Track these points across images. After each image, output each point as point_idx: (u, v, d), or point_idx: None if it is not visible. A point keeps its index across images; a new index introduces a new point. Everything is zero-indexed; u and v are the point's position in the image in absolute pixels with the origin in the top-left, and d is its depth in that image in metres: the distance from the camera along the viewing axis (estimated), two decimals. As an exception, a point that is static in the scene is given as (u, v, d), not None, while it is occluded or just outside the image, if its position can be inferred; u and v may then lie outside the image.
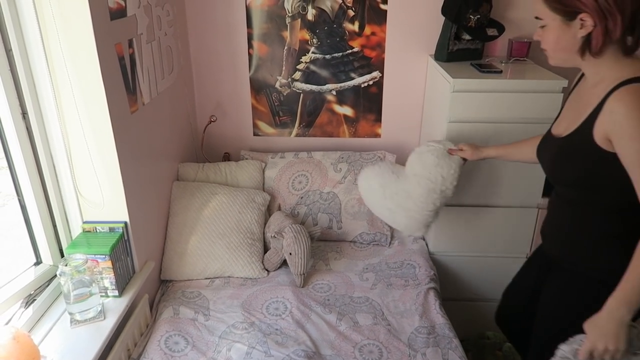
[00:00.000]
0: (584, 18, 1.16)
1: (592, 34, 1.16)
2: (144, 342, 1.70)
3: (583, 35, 1.18)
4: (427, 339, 1.71)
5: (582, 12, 1.15)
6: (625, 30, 1.14)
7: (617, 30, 1.13)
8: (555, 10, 1.20)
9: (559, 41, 1.23)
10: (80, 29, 1.42)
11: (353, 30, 2.36)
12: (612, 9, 1.11)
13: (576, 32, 1.19)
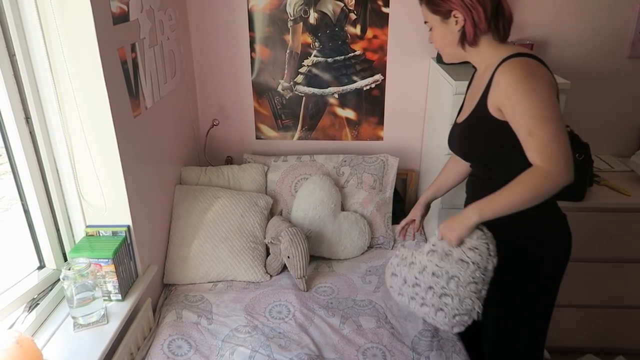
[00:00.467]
0: (456, 15, 1.38)
1: (465, 27, 1.38)
2: (147, 346, 1.70)
3: (459, 30, 1.40)
4: (430, 343, 1.70)
5: (453, 10, 1.37)
6: (491, 21, 1.37)
7: (482, 21, 1.36)
8: (434, 12, 1.42)
9: (443, 37, 1.44)
10: (83, 33, 1.43)
11: (355, 33, 2.36)
12: (474, 4, 1.35)
13: (453, 28, 1.40)
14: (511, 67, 1.31)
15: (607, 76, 2.44)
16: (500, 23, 1.39)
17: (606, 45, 2.39)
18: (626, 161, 2.49)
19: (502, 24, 1.39)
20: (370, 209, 2.36)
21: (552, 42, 2.39)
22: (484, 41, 1.40)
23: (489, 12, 1.36)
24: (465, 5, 1.35)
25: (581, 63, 2.41)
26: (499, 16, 1.38)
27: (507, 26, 1.40)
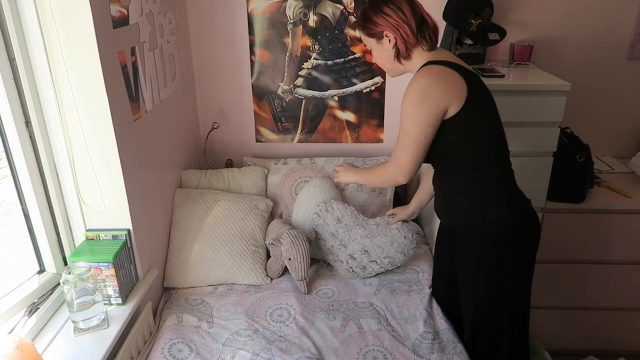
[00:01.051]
0: (387, 34, 1.53)
1: (397, 44, 1.54)
2: (147, 350, 1.70)
3: (392, 47, 1.55)
4: (432, 345, 1.70)
5: (384, 31, 1.53)
6: (417, 34, 1.51)
7: (410, 36, 1.51)
8: (370, 36, 1.58)
9: (381, 56, 1.61)
10: (83, 37, 1.42)
11: (355, 35, 2.36)
12: (400, 23, 1.50)
13: (387, 46, 1.56)
14: (414, 78, 1.50)
15: (607, 78, 2.45)
16: (426, 34, 1.53)
17: (606, 47, 2.40)
18: (626, 163, 2.49)
19: (428, 34, 1.53)
20: (371, 211, 2.35)
21: (553, 44, 2.39)
22: (416, 53, 1.55)
23: (414, 28, 1.51)
24: (392, 25, 1.51)
25: (581, 65, 2.41)
26: (424, 28, 1.53)
27: (433, 36, 1.54)
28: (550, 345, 2.39)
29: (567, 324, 2.40)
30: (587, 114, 2.50)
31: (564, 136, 2.15)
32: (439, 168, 1.67)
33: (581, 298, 2.34)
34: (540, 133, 2.01)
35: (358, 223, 2.07)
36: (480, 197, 1.59)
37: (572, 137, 2.21)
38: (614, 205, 2.17)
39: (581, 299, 2.34)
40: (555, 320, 2.35)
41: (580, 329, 2.41)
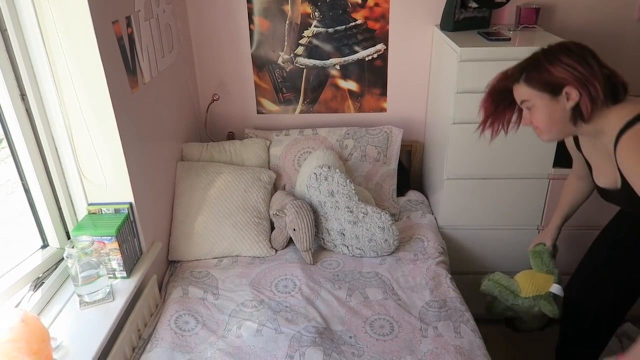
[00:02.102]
0: (568, 91, 1.26)
1: (580, 103, 1.25)
2: (154, 322, 1.70)
3: (572, 107, 1.27)
4: (438, 313, 1.70)
5: (565, 85, 1.25)
6: (607, 92, 1.24)
7: (600, 94, 1.23)
8: (541, 90, 1.29)
9: (551, 116, 1.31)
10: (76, 5, 1.38)
11: (356, 1, 2.30)
12: (589, 77, 1.23)
13: (564, 105, 1.28)
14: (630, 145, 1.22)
15: (617, 40, 2.38)
16: (619, 91, 1.28)
17: (615, 8, 2.32)
18: (635, 127, 2.44)
19: (619, 91, 1.28)
20: (375, 181, 2.33)
21: (560, 6, 2.32)
22: (598, 115, 1.28)
23: (602, 83, 1.24)
24: (579, 79, 1.23)
25: (590, 27, 2.34)
26: (615, 84, 1.27)
27: (621, 89, 1.29)
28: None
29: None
30: (595, 78, 2.44)
31: (571, 101, 2.10)
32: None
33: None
34: (547, 98, 1.96)
35: (348, 205, 1.99)
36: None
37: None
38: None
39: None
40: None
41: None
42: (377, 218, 1.96)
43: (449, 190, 2.13)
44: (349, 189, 1.99)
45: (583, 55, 1.26)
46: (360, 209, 1.99)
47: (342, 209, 1.99)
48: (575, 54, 1.26)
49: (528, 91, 1.33)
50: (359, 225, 1.98)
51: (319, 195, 2.03)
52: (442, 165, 2.13)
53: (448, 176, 2.10)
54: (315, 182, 2.04)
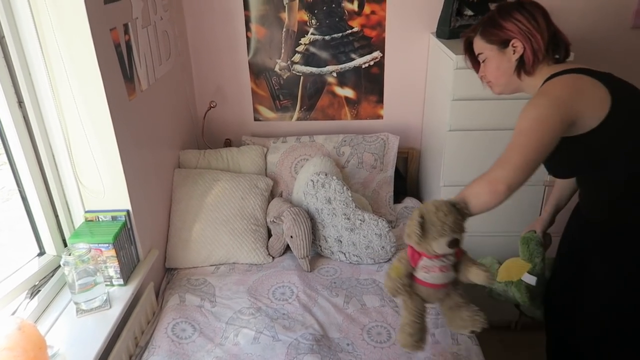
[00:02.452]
0: (514, 44, 1.36)
1: (524, 56, 1.36)
2: (151, 330, 1.70)
3: (517, 59, 1.38)
4: (435, 319, 1.70)
5: (512, 38, 1.36)
6: (549, 47, 1.35)
7: (541, 48, 1.34)
8: (492, 42, 1.40)
9: (499, 67, 1.42)
10: (74, 12, 1.39)
11: (352, 9, 2.31)
12: (532, 31, 1.33)
13: (510, 57, 1.38)
14: (540, 90, 1.33)
15: (611, 47, 2.40)
16: (560, 49, 1.38)
17: (610, 16, 2.34)
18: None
19: (560, 49, 1.38)
20: (372, 188, 2.34)
21: (555, 13, 2.30)
22: (541, 69, 1.38)
23: (546, 39, 1.35)
24: (524, 32, 1.34)
25: (585, 35, 2.36)
26: (557, 41, 1.37)
27: (565, 52, 1.39)
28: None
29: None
30: (590, 85, 2.46)
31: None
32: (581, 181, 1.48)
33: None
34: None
35: (345, 212, 1.99)
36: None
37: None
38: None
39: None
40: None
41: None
42: (374, 225, 1.96)
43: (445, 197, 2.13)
44: (345, 195, 1.99)
45: (532, 12, 1.36)
46: (357, 216, 1.99)
47: (339, 216, 1.99)
48: (526, 10, 1.36)
49: (482, 44, 1.43)
50: (356, 232, 1.98)
51: (316, 202, 2.03)
52: (438, 172, 2.14)
53: (445, 183, 2.11)
54: (312, 189, 2.04)
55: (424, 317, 1.33)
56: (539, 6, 1.38)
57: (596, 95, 1.27)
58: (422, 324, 1.32)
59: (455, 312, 1.34)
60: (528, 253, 1.72)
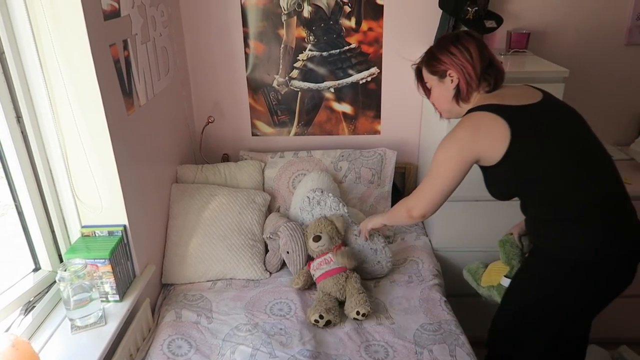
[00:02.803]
0: (451, 74, 1.52)
1: (459, 85, 1.52)
2: (146, 347, 1.68)
3: (454, 87, 1.54)
4: (433, 336, 1.68)
5: (448, 69, 1.52)
6: (481, 78, 1.50)
7: (473, 78, 1.50)
8: (433, 73, 1.58)
9: (440, 95, 1.60)
10: (73, 28, 1.40)
11: (350, 26, 2.34)
12: (465, 64, 1.49)
13: (449, 86, 1.55)
14: (456, 124, 1.51)
15: (605, 64, 2.43)
16: (491, 78, 1.52)
17: (604, 33, 2.38)
18: (625, 149, 2.48)
19: (493, 78, 1.52)
20: (369, 203, 2.34)
21: (550, 30, 2.37)
22: (475, 97, 1.54)
23: (478, 70, 1.50)
24: (457, 65, 1.50)
25: (579, 51, 2.39)
26: (490, 71, 1.51)
27: (499, 79, 1.53)
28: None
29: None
30: (586, 101, 2.46)
31: (562, 124, 2.13)
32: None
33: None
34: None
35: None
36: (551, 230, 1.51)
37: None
38: (614, 192, 2.16)
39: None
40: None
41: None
42: (369, 240, 1.96)
43: (443, 212, 2.12)
44: (342, 212, 1.99)
45: (467, 45, 1.50)
46: (353, 230, 1.98)
47: None
48: (461, 43, 1.51)
49: (426, 74, 1.62)
50: (351, 248, 1.97)
51: (311, 218, 2.03)
52: (436, 187, 2.14)
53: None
54: (307, 206, 2.04)
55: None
56: (474, 38, 1.53)
57: (494, 133, 1.42)
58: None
59: (350, 298, 1.77)
60: (505, 256, 1.78)
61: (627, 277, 1.48)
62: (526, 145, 1.41)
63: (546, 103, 1.49)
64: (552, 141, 1.43)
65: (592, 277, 1.46)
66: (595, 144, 1.49)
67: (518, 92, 1.52)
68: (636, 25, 2.35)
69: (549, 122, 1.46)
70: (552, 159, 1.42)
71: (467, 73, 1.49)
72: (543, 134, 1.44)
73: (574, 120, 1.51)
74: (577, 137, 1.48)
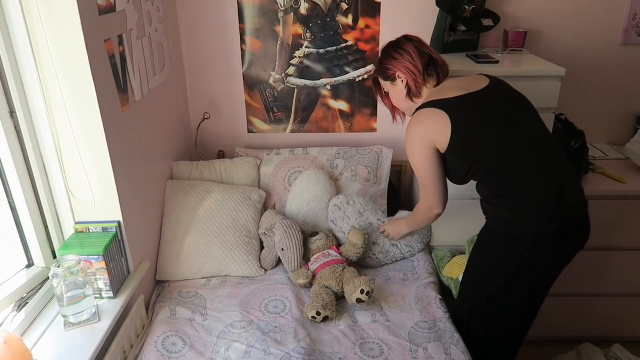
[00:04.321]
0: (399, 76, 1.71)
1: (409, 84, 1.70)
2: (140, 344, 1.67)
3: (405, 87, 1.72)
4: (428, 334, 1.69)
5: (396, 72, 1.71)
6: (424, 73, 1.67)
7: (418, 75, 1.68)
8: (386, 79, 1.77)
9: (396, 96, 1.77)
10: (68, 23, 1.38)
11: (347, 23, 2.33)
12: (407, 64, 1.68)
13: (400, 86, 1.73)
14: (409, 124, 1.67)
15: (601, 64, 2.43)
16: (434, 72, 1.69)
17: (600, 33, 2.38)
18: (621, 149, 2.49)
19: (436, 72, 1.69)
20: (365, 201, 2.33)
21: (546, 30, 2.37)
22: (425, 91, 1.71)
23: (420, 67, 1.67)
24: (403, 67, 1.68)
25: (575, 51, 2.40)
26: (432, 67, 1.68)
27: (442, 72, 1.70)
28: (545, 333, 2.39)
29: (563, 311, 2.40)
30: (581, 101, 2.49)
31: (558, 123, 2.14)
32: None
33: (576, 285, 2.33)
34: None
35: (377, 216, 2.14)
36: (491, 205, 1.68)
37: (566, 124, 2.20)
38: (609, 191, 2.17)
39: (576, 286, 2.34)
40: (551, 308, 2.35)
41: (576, 316, 2.41)
42: None
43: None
44: (370, 204, 2.19)
45: (405, 47, 1.69)
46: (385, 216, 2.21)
47: (374, 222, 2.13)
48: (400, 47, 1.70)
49: (382, 81, 1.80)
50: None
51: (349, 220, 2.09)
52: (432, 185, 2.14)
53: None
54: (339, 212, 2.11)
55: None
56: (411, 41, 1.71)
57: (438, 126, 1.57)
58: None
59: (349, 284, 1.80)
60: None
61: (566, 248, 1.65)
62: (465, 130, 1.55)
63: (490, 89, 1.61)
64: (490, 124, 1.57)
65: (526, 249, 1.61)
66: (536, 125, 1.62)
67: (462, 83, 1.65)
68: (632, 26, 2.35)
69: (488, 107, 1.59)
70: (490, 140, 1.56)
71: (412, 72, 1.67)
72: (480, 118, 1.57)
73: (517, 103, 1.63)
74: (517, 118, 1.59)
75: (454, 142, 1.56)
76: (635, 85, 2.48)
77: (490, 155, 1.57)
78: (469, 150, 1.58)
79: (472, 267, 1.80)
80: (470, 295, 1.79)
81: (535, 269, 1.63)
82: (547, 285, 1.71)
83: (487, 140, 1.56)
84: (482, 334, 1.74)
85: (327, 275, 1.87)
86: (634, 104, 2.52)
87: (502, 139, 1.56)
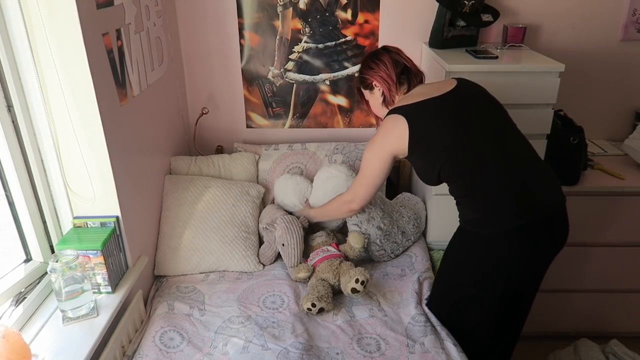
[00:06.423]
0: (376, 85, 1.79)
1: (384, 93, 1.77)
2: (138, 339, 1.67)
3: (381, 95, 1.79)
4: (424, 328, 1.69)
5: (373, 81, 1.79)
6: (397, 82, 1.75)
7: (392, 84, 1.75)
8: (365, 88, 1.85)
9: (375, 103, 1.85)
10: (66, 17, 1.38)
11: (346, 18, 2.32)
12: (383, 74, 1.75)
13: (377, 94, 1.81)
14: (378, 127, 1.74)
15: (601, 60, 2.43)
16: (406, 80, 1.75)
17: (599, 28, 2.38)
18: (619, 145, 2.49)
19: (407, 80, 1.75)
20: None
21: (546, 26, 2.36)
22: (397, 99, 1.76)
23: (394, 76, 1.74)
24: (378, 76, 1.76)
25: (575, 47, 2.39)
26: (406, 75, 1.75)
27: (412, 80, 1.75)
28: (543, 328, 2.40)
29: (560, 306, 2.41)
30: (580, 97, 2.48)
31: (557, 119, 2.14)
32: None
33: (574, 280, 2.34)
34: (534, 115, 1.99)
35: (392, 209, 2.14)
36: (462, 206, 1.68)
37: (565, 120, 2.20)
38: (608, 187, 2.17)
39: (574, 282, 2.35)
40: (548, 303, 2.36)
41: (573, 311, 2.42)
42: None
43: (437, 207, 2.14)
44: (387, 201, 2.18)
45: (381, 58, 1.77)
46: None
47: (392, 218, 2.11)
48: (376, 57, 1.78)
49: (363, 90, 1.87)
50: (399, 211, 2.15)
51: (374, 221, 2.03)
52: (430, 181, 2.15)
53: (436, 192, 2.11)
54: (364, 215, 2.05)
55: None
56: (388, 51, 1.78)
57: (397, 130, 1.62)
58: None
59: (344, 275, 1.82)
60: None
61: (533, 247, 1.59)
62: (422, 132, 1.60)
63: (453, 93, 1.64)
64: (449, 125, 1.59)
65: (492, 248, 1.59)
66: (504, 126, 1.63)
67: (428, 89, 1.69)
68: (632, 21, 2.35)
69: (447, 109, 1.62)
70: (448, 141, 1.58)
71: (386, 80, 1.75)
72: (438, 119, 1.60)
73: (481, 105, 1.65)
74: (480, 119, 1.61)
75: (413, 143, 1.61)
76: (634, 82, 2.48)
77: (450, 155, 1.57)
78: (428, 151, 1.61)
79: (443, 268, 1.80)
80: (447, 294, 1.77)
81: (503, 268, 1.59)
82: (525, 283, 1.69)
83: (445, 141, 1.58)
84: (464, 332, 1.71)
85: (324, 268, 1.87)
86: (633, 100, 2.52)
87: (462, 140, 1.57)
